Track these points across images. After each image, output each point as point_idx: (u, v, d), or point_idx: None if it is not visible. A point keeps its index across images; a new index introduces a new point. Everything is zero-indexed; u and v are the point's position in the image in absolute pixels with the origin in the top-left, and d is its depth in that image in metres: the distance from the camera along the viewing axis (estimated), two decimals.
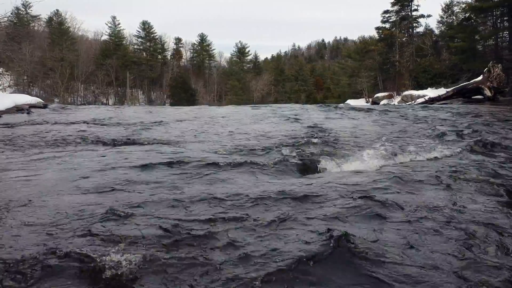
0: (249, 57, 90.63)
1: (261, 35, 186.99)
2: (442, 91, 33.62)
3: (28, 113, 10.07)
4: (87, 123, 8.20)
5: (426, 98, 22.83)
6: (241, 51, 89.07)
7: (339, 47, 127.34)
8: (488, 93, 18.08)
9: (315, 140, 5.91)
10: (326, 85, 77.84)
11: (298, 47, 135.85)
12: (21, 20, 77.53)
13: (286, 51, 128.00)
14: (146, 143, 5.89)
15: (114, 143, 5.88)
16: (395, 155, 5.02)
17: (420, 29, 47.37)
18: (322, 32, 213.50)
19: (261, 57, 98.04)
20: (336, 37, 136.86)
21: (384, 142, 5.96)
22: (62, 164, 4.42)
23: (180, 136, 6.64)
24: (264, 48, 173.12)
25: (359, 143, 5.93)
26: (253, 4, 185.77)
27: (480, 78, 18.91)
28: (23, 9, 78.60)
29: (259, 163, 4.43)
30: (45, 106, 12.34)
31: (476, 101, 18.38)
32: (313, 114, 11.12)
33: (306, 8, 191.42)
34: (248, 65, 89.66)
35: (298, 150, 5.15)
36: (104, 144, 5.79)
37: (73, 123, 8.29)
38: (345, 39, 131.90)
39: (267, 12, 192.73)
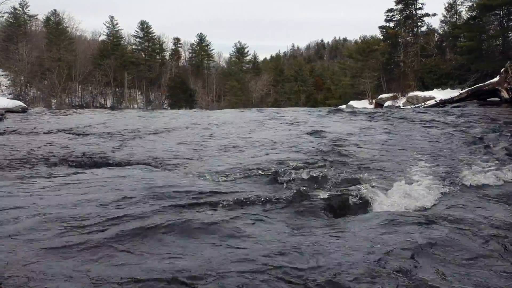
0: (248, 57, 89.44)
1: (260, 35, 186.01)
2: (449, 92, 32.50)
3: (0, 119, 8.92)
4: (65, 133, 6.99)
5: (437, 100, 21.61)
6: (240, 51, 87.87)
7: (338, 47, 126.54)
8: (505, 95, 16.93)
9: (337, 158, 4.73)
10: (326, 86, 76.52)
11: (297, 47, 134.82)
12: (18, 20, 76.55)
13: (285, 51, 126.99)
14: (124, 163, 4.68)
15: (82, 163, 4.65)
16: (453, 182, 3.82)
17: (423, 29, 46.25)
18: (321, 32, 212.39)
19: (260, 57, 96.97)
20: (335, 37, 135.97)
21: (426, 160, 4.75)
22: None
23: (171, 152, 5.44)
24: (263, 48, 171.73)
25: (396, 161, 4.73)
26: (252, 4, 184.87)
27: (496, 79, 17.76)
28: (20, 9, 77.48)
29: (272, 199, 3.23)
30: (24, 111, 11.16)
31: (493, 103, 17.23)
32: (322, 120, 9.98)
33: (306, 8, 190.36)
34: (247, 65, 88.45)
35: (321, 175, 3.95)
36: (70, 165, 4.56)
37: (48, 132, 7.08)
38: (344, 39, 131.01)
39: (266, 12, 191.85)
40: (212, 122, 9.44)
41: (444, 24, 46.39)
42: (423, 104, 24.15)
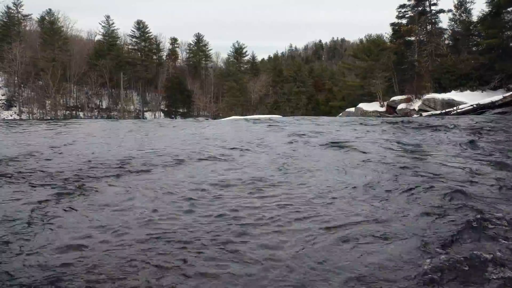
0: (247, 58, 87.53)
1: (258, 35, 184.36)
2: (469, 94, 30.74)
3: None
4: None
5: (474, 104, 19.84)
6: (238, 52, 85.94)
7: (337, 48, 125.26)
8: None
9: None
10: (326, 87, 74.54)
11: (295, 48, 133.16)
12: (11, 19, 74.51)
13: (283, 52, 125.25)
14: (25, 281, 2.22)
15: None
16: None
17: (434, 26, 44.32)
18: (319, 33, 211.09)
19: (258, 58, 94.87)
20: (333, 38, 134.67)
21: None
22: None
23: (134, 234, 2.91)
24: (261, 48, 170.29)
25: None
26: (250, 4, 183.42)
27: None
28: (14, 8, 75.42)
29: None
30: None
31: None
32: (370, 136, 8.02)
33: (305, 8, 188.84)
34: (245, 66, 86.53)
35: None
36: None
37: None
38: (343, 40, 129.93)
39: (265, 12, 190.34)
40: (219, 143, 7.15)
41: (453, 23, 44.68)
42: (455, 109, 22.25)
